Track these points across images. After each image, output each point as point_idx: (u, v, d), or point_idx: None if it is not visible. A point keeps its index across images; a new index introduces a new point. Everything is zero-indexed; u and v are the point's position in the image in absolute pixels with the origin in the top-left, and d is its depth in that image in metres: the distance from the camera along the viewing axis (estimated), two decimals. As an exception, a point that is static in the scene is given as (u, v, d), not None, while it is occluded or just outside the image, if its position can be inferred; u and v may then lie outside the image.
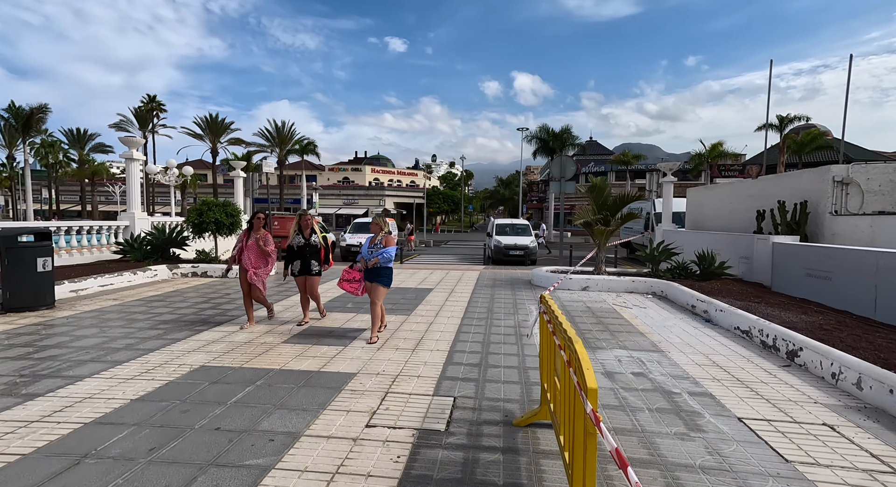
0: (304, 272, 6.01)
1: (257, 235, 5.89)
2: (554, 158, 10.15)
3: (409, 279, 10.63)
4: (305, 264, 5.99)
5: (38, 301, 6.56)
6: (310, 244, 6.00)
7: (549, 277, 9.57)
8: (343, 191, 59.91)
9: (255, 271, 5.81)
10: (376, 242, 5.39)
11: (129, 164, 11.62)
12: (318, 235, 6.04)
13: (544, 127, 34.31)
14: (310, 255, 5.99)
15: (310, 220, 6.01)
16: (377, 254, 5.29)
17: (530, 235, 18.22)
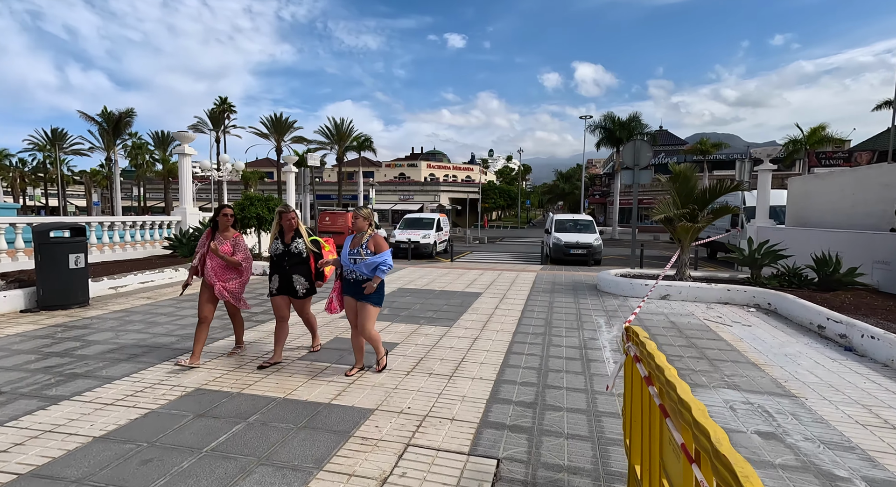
0: (285, 291, 4.25)
1: (224, 236, 4.36)
2: (625, 144, 8.59)
3: (457, 281, 9.63)
4: (285, 280, 4.21)
5: (70, 299, 6.35)
6: (290, 253, 4.18)
7: (620, 283, 8.13)
8: (399, 187, 60.31)
9: (224, 286, 4.25)
10: (361, 243, 3.89)
11: (181, 159, 11.67)
12: (304, 239, 4.26)
13: (609, 115, 31.76)
14: (290, 267, 4.20)
15: (293, 219, 4.22)
16: (364, 269, 3.80)
17: (594, 232, 16.53)
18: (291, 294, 4.27)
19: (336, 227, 18.19)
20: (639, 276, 8.80)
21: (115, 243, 9.99)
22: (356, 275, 3.89)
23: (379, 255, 3.86)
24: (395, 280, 9.55)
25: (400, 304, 7.15)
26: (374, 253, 3.87)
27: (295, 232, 4.29)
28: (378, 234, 4.02)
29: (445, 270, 11.70)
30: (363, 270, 3.84)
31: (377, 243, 3.92)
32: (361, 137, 47.37)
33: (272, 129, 49.85)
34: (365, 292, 3.85)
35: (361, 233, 3.98)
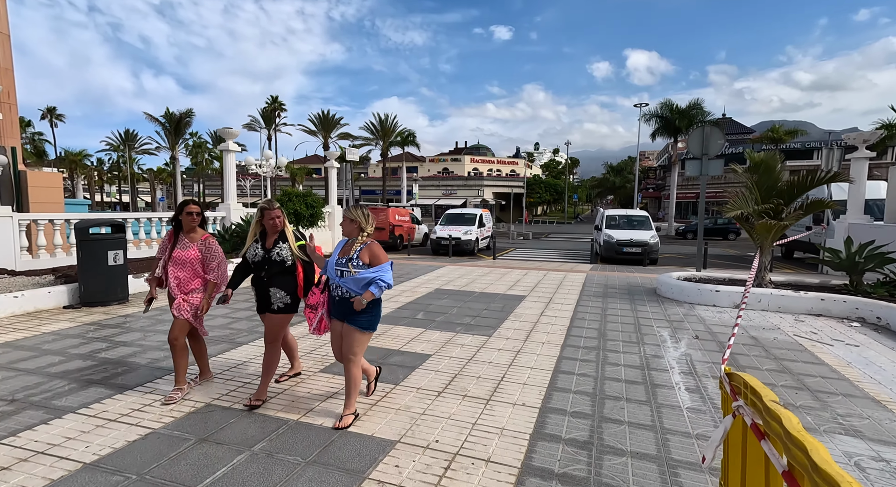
0: (263, 308, 3.43)
1: (190, 239, 3.49)
2: (691, 131, 7.56)
3: (498, 282, 9.00)
4: (263, 293, 3.40)
5: (109, 296, 6.37)
6: (271, 260, 3.33)
7: (684, 288, 7.17)
8: (442, 182, 60.05)
9: (185, 299, 3.44)
10: (352, 253, 3.03)
11: (225, 155, 11.79)
12: (290, 243, 3.39)
13: (667, 103, 29.53)
14: (270, 278, 3.35)
15: (277, 218, 3.37)
16: (353, 285, 2.97)
17: (650, 228, 15.25)
18: (268, 310, 3.39)
19: (376, 222, 17.98)
20: (706, 280, 7.77)
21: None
22: (342, 292, 3.04)
23: (374, 269, 2.97)
24: (433, 280, 9.07)
25: (436, 308, 6.64)
26: (368, 266, 2.99)
27: (279, 235, 3.40)
28: (375, 242, 3.13)
29: (487, 269, 11.09)
30: (351, 286, 2.98)
31: (373, 254, 3.02)
32: (405, 133, 47.44)
33: (320, 126, 51.09)
34: (354, 307, 2.97)
35: (352, 238, 3.12)
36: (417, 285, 8.54)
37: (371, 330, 3.15)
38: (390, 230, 17.84)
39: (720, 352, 4.73)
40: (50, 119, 52.82)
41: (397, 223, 18.24)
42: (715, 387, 3.82)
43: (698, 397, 3.64)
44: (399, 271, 10.21)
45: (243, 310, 6.32)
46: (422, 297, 7.39)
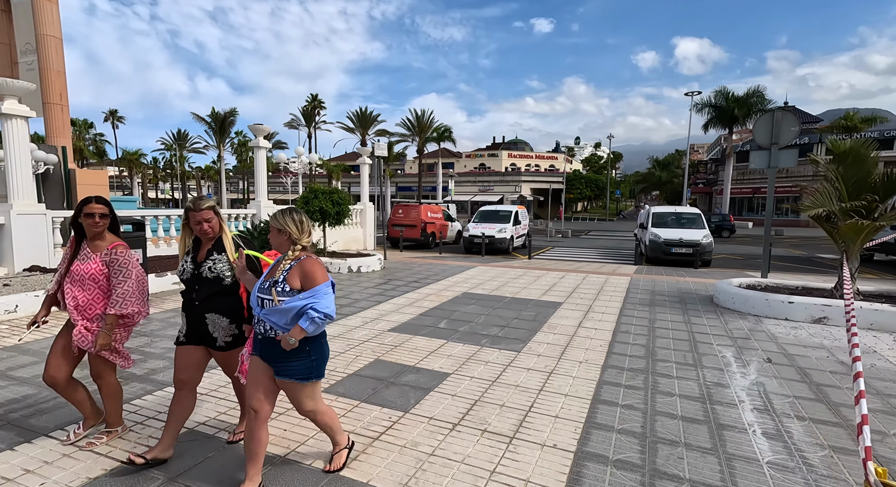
0: (196, 339, 2.61)
1: (94, 247, 2.70)
2: (756, 118, 6.54)
3: (532, 286, 8.29)
4: (195, 321, 2.58)
5: (128, 296, 6.22)
6: (202, 278, 2.54)
7: (749, 297, 6.21)
8: (479, 178, 59.23)
9: (89, 325, 2.65)
10: (279, 274, 2.25)
11: (256, 152, 11.72)
12: (227, 253, 2.57)
13: (722, 91, 27.35)
14: (203, 301, 2.55)
15: (208, 221, 2.54)
16: (278, 318, 2.20)
17: (703, 227, 13.93)
18: (207, 344, 2.60)
19: (408, 220, 17.63)
20: (774, 288, 6.74)
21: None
22: (266, 328, 2.25)
23: (305, 294, 2.16)
24: (461, 283, 8.49)
25: (461, 315, 6.06)
26: (298, 291, 2.20)
27: (214, 243, 2.58)
28: (311, 257, 2.30)
29: (520, 270, 10.38)
30: (276, 320, 2.20)
31: (305, 274, 2.22)
32: (441, 128, 46.99)
33: (357, 123, 51.57)
34: (283, 346, 2.17)
35: (281, 253, 2.36)
36: (444, 287, 8.00)
37: (312, 379, 2.33)
38: (422, 228, 17.41)
39: (803, 382, 3.87)
40: (112, 121, 56.43)
41: (429, 221, 17.79)
42: (803, 433, 3.03)
43: (781, 446, 2.88)
44: (426, 272, 9.71)
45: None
46: (447, 302, 6.84)
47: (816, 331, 5.37)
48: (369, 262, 9.47)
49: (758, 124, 7.17)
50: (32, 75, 14.23)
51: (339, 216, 9.57)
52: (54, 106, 13.79)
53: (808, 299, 5.74)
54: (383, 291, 7.60)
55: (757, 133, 7.18)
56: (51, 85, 13.74)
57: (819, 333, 5.29)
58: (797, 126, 6.89)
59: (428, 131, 47.44)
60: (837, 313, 5.53)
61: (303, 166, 13.76)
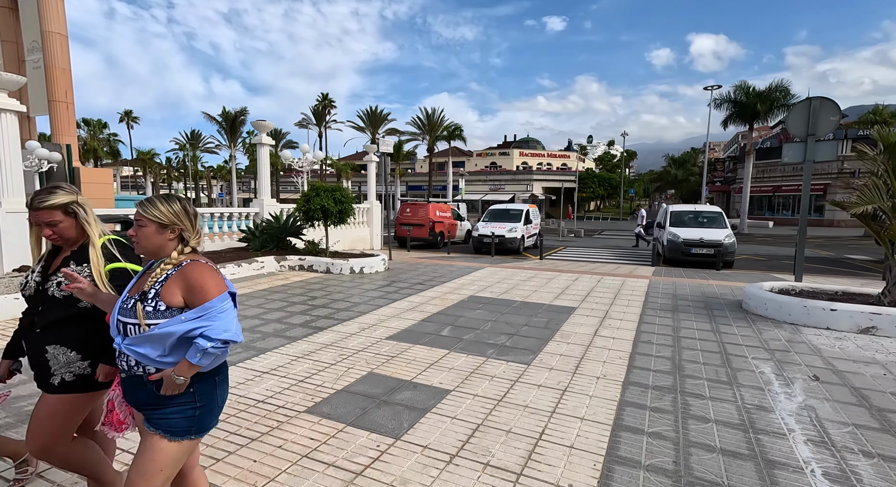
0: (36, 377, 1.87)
1: None
2: (790, 108, 5.95)
3: (544, 288, 7.79)
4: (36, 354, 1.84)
5: (114, 298, 5.89)
6: (47, 296, 1.82)
7: (784, 303, 5.62)
8: (490, 176, 58.66)
9: None
10: (151, 286, 1.56)
11: (259, 149, 11.40)
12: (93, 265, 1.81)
13: (742, 85, 26.34)
14: (45, 328, 1.82)
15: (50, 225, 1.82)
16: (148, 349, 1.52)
17: (724, 226, 13.25)
18: (40, 382, 1.86)
19: (416, 219, 17.21)
20: (811, 293, 6.14)
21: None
22: (129, 364, 1.56)
23: (191, 313, 1.52)
24: (469, 285, 8.02)
25: (467, 321, 5.60)
26: (180, 310, 1.55)
27: (75, 252, 1.89)
28: (199, 262, 1.62)
29: (531, 271, 9.87)
30: (145, 351, 1.53)
31: (191, 284, 1.55)
32: (451, 127, 46.51)
33: (368, 122, 51.42)
34: (161, 391, 1.54)
35: (153, 262, 1.68)
36: (450, 290, 7.54)
37: (189, 437, 1.59)
38: (430, 227, 16.98)
39: (861, 406, 3.32)
40: (127, 121, 57.16)
41: (438, 220, 17.35)
42: (874, 475, 2.51)
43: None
44: (432, 274, 9.27)
45: (248, 318, 5.60)
46: (452, 306, 6.39)
47: (865, 343, 4.78)
48: (372, 263, 9.06)
49: (792, 114, 6.56)
50: (38, 73, 14.15)
51: (342, 215, 9.17)
52: (59, 104, 13.66)
53: (852, 306, 5.15)
54: (385, 294, 7.17)
55: (791, 124, 6.57)
56: (56, 83, 13.62)
57: (869, 345, 4.70)
58: (837, 116, 6.27)
59: (438, 130, 47.01)
60: (889, 322, 4.93)
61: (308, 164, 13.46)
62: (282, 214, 10.47)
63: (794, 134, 6.59)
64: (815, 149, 6.42)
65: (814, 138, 6.44)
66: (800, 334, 5.11)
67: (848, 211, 5.16)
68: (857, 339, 4.90)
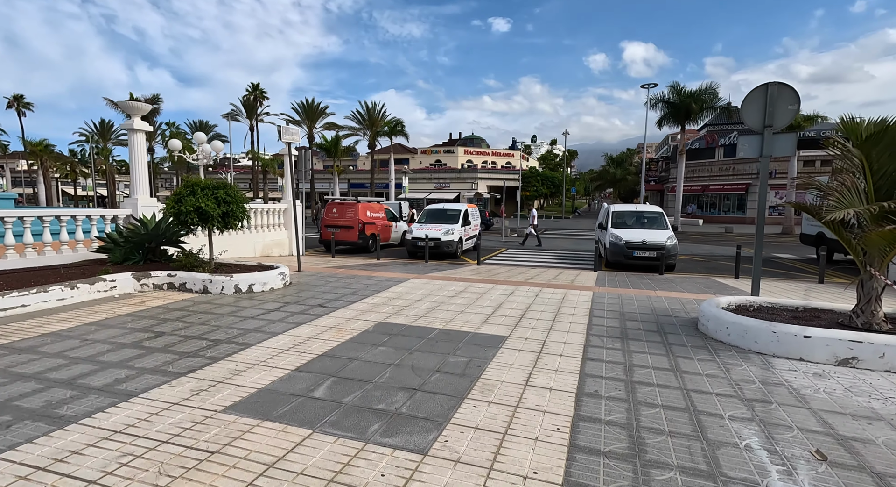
0: None
1: None
2: (751, 93, 5.04)
3: (473, 307, 6.47)
4: None
5: None
6: None
7: (750, 328, 4.66)
8: (434, 174, 57.46)
9: None
10: None
11: (130, 136, 9.19)
12: None
13: (675, 86, 26.93)
14: None
15: None
16: None
17: (666, 227, 12.77)
18: None
19: (344, 220, 15.45)
20: (771, 309, 5.29)
21: (29, 245, 7.60)
22: None
23: None
24: (382, 306, 6.54)
25: (359, 368, 4.11)
26: None
27: None
28: None
29: (463, 283, 8.56)
30: None
31: None
32: (393, 122, 44.62)
33: (304, 115, 48.19)
34: None
35: None
36: (357, 314, 6.02)
37: None
38: (360, 229, 15.30)
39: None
40: (17, 108, 49.66)
41: (369, 221, 15.69)
42: None
43: None
44: (344, 289, 7.68)
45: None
46: (349, 341, 4.88)
47: (851, 382, 3.85)
48: (267, 278, 7.32)
49: (747, 102, 5.70)
50: None
51: (228, 219, 7.34)
52: None
53: (828, 332, 4.25)
54: (267, 324, 5.52)
55: (746, 113, 5.71)
56: None
57: (856, 385, 3.77)
58: (796, 104, 5.47)
59: (379, 125, 44.91)
60: (870, 352, 4.06)
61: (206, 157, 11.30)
62: (153, 217, 8.35)
63: (749, 125, 5.74)
64: (772, 142, 5.59)
65: (770, 130, 5.61)
66: (773, 369, 4.13)
67: (823, 218, 4.25)
68: (840, 375, 3.98)
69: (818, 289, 8.83)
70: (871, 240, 4.26)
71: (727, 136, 41.22)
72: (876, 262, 4.51)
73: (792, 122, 5.40)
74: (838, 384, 3.81)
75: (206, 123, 56.59)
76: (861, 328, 4.55)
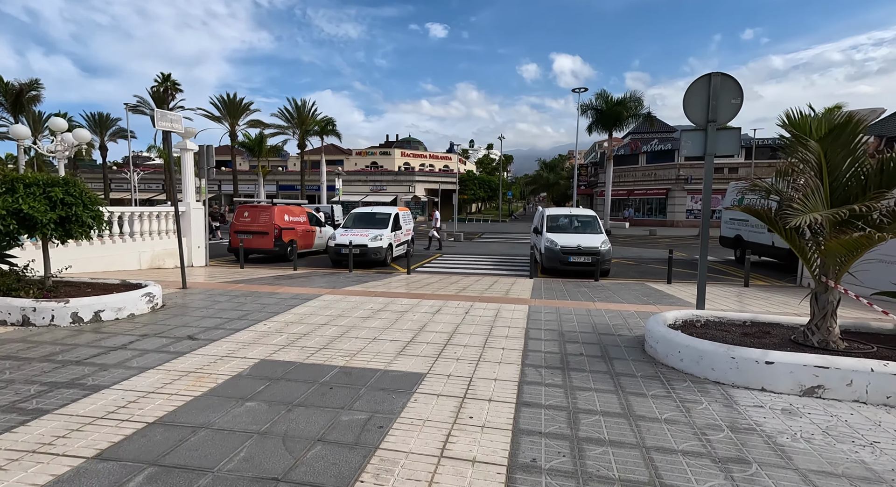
0: None
1: None
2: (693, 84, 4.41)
3: (388, 334, 5.35)
4: None
5: None
6: None
7: (706, 353, 4.00)
8: (370, 176, 55.62)
9: None
10: None
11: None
12: None
13: (602, 94, 27.79)
14: None
15: None
16: None
17: (599, 231, 12.51)
18: None
19: (257, 225, 13.65)
20: (719, 325, 4.75)
21: None
22: None
23: None
24: (274, 334, 5.21)
25: (196, 447, 2.83)
26: None
27: None
28: None
29: (384, 299, 7.41)
30: None
31: None
32: (324, 121, 42.31)
33: (225, 111, 44.26)
34: None
35: None
36: (235, 349, 4.67)
37: None
38: (276, 235, 13.58)
39: None
40: None
41: (287, 226, 14.01)
42: None
43: None
44: (235, 312, 6.23)
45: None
46: (204, 395, 3.55)
47: (824, 418, 3.25)
48: (124, 301, 5.68)
49: (689, 94, 5.16)
50: None
51: (69, 225, 5.61)
52: None
53: (792, 357, 3.67)
54: (93, 372, 4.02)
55: (689, 106, 5.17)
56: None
57: (834, 426, 3.16)
58: (739, 99, 5.01)
59: (309, 123, 42.34)
60: (837, 380, 3.51)
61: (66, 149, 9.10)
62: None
63: (691, 119, 5.21)
64: (716, 139, 5.08)
65: (714, 126, 5.10)
66: (737, 407, 3.44)
67: (787, 224, 3.67)
68: (811, 412, 3.38)
69: (747, 293, 8.77)
70: (831, 248, 3.75)
71: (649, 143, 43.75)
72: (831, 272, 4.03)
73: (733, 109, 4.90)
74: (813, 424, 3.18)
75: (106, 116, 50.16)
76: (818, 346, 4.05)
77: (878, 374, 3.43)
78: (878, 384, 3.42)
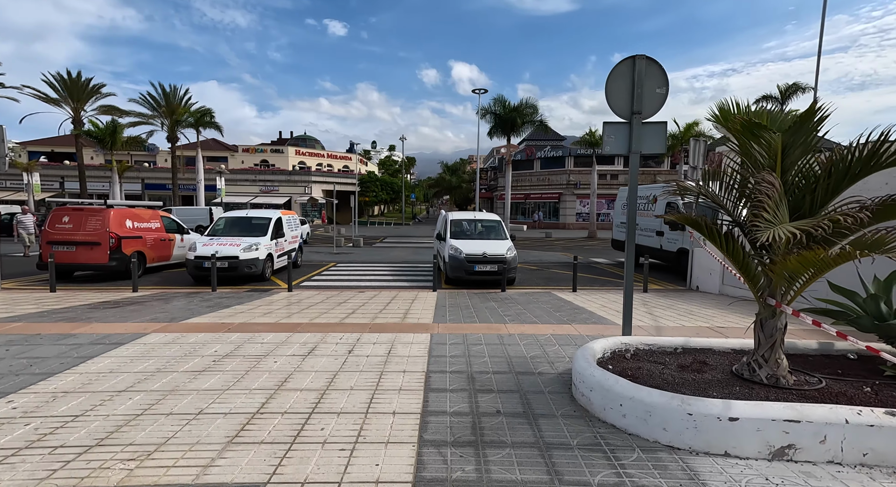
0: None
1: None
2: (617, 66, 3.49)
3: (227, 396, 3.64)
4: None
5: None
6: None
7: (657, 409, 3.07)
8: (259, 176, 50.52)
9: None
10: None
11: None
12: None
13: (500, 99, 28.04)
14: None
15: None
16: None
17: (505, 237, 11.81)
18: None
19: (82, 234, 10.49)
20: (649, 354, 3.95)
21: None
22: None
23: None
24: (16, 423, 3.19)
25: None
26: None
27: None
28: None
29: (238, 335, 5.56)
30: None
31: None
32: (200, 112, 36.97)
33: (65, 93, 36.28)
34: None
35: None
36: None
37: None
38: (113, 246, 10.58)
39: None
40: None
41: (129, 235, 11.02)
42: None
43: None
44: (-29, 378, 3.94)
45: None
46: None
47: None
48: None
49: (612, 79, 4.34)
50: None
51: None
52: None
53: (757, 410, 2.88)
54: None
55: (611, 94, 4.35)
56: None
57: (832, 515, 2.35)
58: (664, 88, 4.32)
59: (181, 114, 36.62)
60: (810, 435, 2.78)
61: None
62: None
63: (614, 110, 4.41)
64: (641, 134, 4.33)
65: (639, 118, 4.35)
66: (696, 479, 2.51)
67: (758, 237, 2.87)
68: (783, 482, 2.57)
69: (650, 301, 8.58)
70: (787, 266, 3.06)
71: (543, 149, 46.08)
72: (779, 293, 3.38)
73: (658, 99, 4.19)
74: (808, 515, 2.34)
75: None
76: (767, 383, 3.38)
77: (853, 426, 2.76)
78: (853, 440, 2.75)
